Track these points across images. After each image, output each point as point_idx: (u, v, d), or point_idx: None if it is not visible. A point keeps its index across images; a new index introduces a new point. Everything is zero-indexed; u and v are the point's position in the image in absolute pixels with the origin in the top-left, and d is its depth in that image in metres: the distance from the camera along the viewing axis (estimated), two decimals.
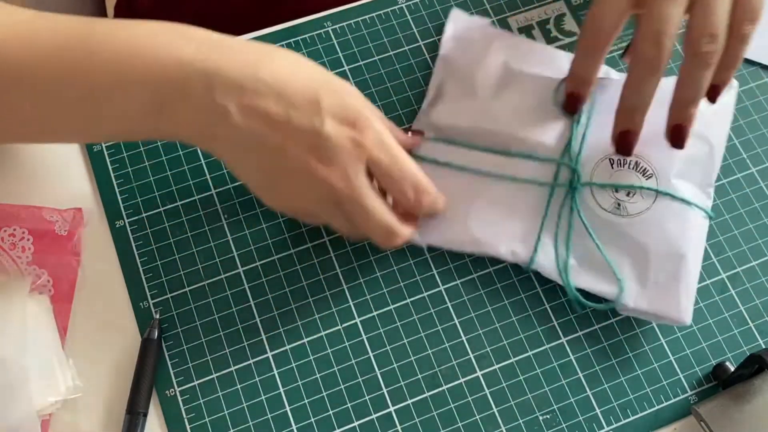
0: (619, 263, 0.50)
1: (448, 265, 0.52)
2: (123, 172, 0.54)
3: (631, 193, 0.50)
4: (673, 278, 0.49)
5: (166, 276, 0.51)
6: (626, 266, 0.50)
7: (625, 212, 0.50)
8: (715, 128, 0.53)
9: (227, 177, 0.54)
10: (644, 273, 0.49)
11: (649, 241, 0.49)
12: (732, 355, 0.51)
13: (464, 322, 0.51)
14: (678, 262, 0.49)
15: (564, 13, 0.60)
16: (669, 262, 0.49)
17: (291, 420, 0.48)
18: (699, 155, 0.52)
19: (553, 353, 0.50)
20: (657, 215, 0.50)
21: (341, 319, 0.51)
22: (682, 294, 0.49)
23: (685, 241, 0.50)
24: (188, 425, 0.48)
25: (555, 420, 0.49)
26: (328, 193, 0.44)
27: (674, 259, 0.49)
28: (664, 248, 0.49)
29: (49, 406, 0.46)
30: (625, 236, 0.50)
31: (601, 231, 0.50)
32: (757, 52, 0.60)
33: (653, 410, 0.49)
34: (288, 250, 0.52)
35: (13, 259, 0.50)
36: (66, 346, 0.49)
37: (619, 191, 0.51)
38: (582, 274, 0.50)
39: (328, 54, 0.58)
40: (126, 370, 0.49)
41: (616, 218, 0.50)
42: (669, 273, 0.49)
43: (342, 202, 0.44)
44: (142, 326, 0.50)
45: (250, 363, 0.50)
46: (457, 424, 0.48)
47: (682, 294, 0.49)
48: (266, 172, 0.45)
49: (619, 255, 0.50)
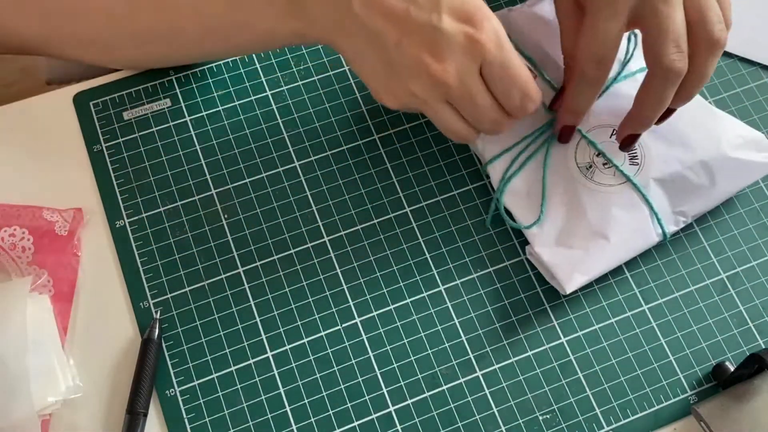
0: (553, 210, 0.51)
1: (448, 265, 0.52)
2: (123, 172, 0.54)
3: (608, 165, 0.51)
4: (584, 251, 0.49)
5: (166, 276, 0.51)
6: (557, 217, 0.50)
7: (590, 176, 0.51)
8: (728, 176, 0.51)
9: (227, 177, 0.54)
10: (568, 231, 0.50)
11: (590, 210, 0.50)
12: (732, 355, 0.51)
13: (464, 322, 0.51)
14: (599, 242, 0.49)
15: None
16: (592, 236, 0.49)
17: (291, 420, 0.48)
18: (694, 185, 0.51)
19: (553, 353, 0.50)
20: (614, 197, 0.50)
21: (341, 319, 0.51)
22: (579, 265, 0.49)
23: (621, 234, 0.50)
24: (188, 425, 0.48)
25: (555, 420, 0.49)
26: (440, 89, 0.44)
27: (597, 237, 0.49)
28: (598, 224, 0.50)
29: (49, 406, 0.46)
30: (575, 194, 0.51)
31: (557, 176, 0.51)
32: (758, 52, 0.60)
33: (653, 410, 0.49)
34: (288, 249, 0.52)
35: (13, 259, 0.50)
36: (66, 346, 0.49)
37: (599, 155, 0.51)
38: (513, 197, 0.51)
39: (328, 54, 0.59)
40: (126, 370, 0.49)
41: (579, 176, 0.51)
42: (585, 245, 0.49)
43: (453, 98, 0.45)
44: (142, 326, 0.50)
45: (250, 363, 0.50)
46: (457, 424, 0.48)
47: (579, 265, 0.49)
48: (383, 66, 0.45)
49: (559, 204, 0.51)
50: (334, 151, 0.55)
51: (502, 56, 0.44)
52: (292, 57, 0.58)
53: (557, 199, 0.51)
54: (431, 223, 0.54)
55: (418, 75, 0.44)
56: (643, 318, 0.52)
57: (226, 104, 0.56)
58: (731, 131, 0.52)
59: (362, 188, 0.54)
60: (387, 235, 0.53)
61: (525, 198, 0.52)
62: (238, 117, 0.56)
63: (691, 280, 0.53)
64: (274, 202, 0.54)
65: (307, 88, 0.57)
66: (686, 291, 0.52)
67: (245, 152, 0.55)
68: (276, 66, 0.58)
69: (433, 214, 0.54)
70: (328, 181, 0.54)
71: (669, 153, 0.51)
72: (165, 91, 0.57)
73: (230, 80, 0.57)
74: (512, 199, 0.52)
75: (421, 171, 0.55)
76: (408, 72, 0.44)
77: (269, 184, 0.54)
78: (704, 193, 0.51)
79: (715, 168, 0.51)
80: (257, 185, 0.54)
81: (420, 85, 0.44)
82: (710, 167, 0.51)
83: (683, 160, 0.51)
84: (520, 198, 0.52)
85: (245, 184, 0.54)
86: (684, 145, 0.51)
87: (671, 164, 0.51)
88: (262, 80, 0.57)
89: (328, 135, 0.56)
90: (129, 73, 0.57)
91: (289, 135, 0.56)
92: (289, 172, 0.55)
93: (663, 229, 0.50)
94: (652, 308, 0.52)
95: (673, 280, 0.53)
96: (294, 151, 0.55)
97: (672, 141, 0.51)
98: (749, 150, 0.52)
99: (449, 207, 0.54)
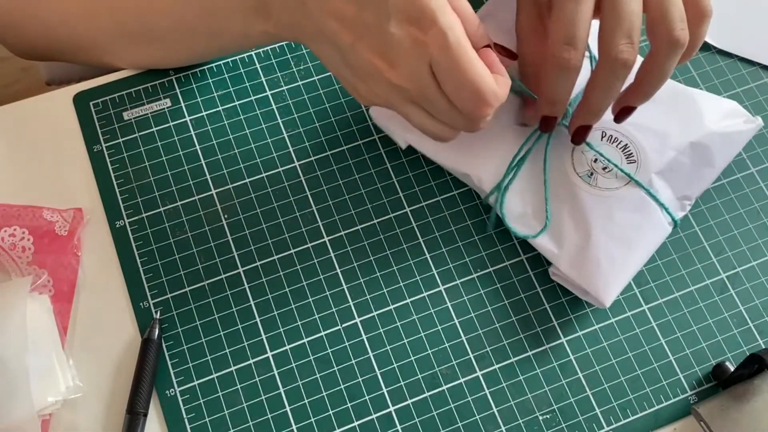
0: (562, 225, 0.50)
1: (447, 265, 0.52)
2: (123, 172, 0.54)
3: (607, 169, 0.51)
4: (610, 260, 0.49)
5: (166, 276, 0.51)
6: (571, 232, 0.50)
7: (594, 182, 0.51)
8: (718, 150, 0.52)
9: (227, 177, 0.54)
10: (587, 245, 0.49)
11: (603, 219, 0.50)
12: (732, 355, 0.51)
13: (464, 322, 0.51)
14: (621, 249, 0.49)
15: None
16: (613, 244, 0.49)
17: (291, 420, 0.48)
18: (691, 167, 0.51)
19: (553, 353, 0.50)
20: (621, 199, 0.50)
21: (341, 319, 0.51)
22: (610, 276, 0.49)
23: (638, 234, 0.50)
24: (188, 425, 0.48)
25: (555, 420, 0.49)
26: (399, 92, 0.44)
27: (619, 244, 0.49)
28: (614, 230, 0.49)
29: (49, 406, 0.46)
30: (583, 204, 0.50)
31: (562, 190, 0.51)
32: (758, 52, 0.60)
33: (653, 410, 0.49)
34: (288, 250, 0.52)
35: (13, 259, 0.50)
36: (66, 346, 0.49)
37: (597, 161, 0.51)
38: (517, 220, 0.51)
39: None
40: (126, 370, 0.49)
41: (583, 185, 0.50)
42: (609, 254, 0.49)
43: (414, 99, 0.44)
44: (142, 326, 0.50)
45: (250, 363, 0.50)
46: (457, 424, 0.48)
47: (610, 276, 0.49)
48: (345, 67, 0.45)
49: (569, 218, 0.50)
50: (334, 151, 0.55)
51: (448, 57, 0.41)
52: (292, 57, 0.58)
53: (566, 214, 0.50)
54: (431, 223, 0.54)
55: (375, 79, 0.43)
56: (643, 318, 0.52)
57: (226, 104, 0.56)
58: (709, 107, 0.53)
59: (362, 188, 0.54)
60: (387, 235, 0.53)
61: (531, 219, 0.51)
62: (238, 117, 0.56)
63: (691, 280, 0.53)
64: (274, 202, 0.54)
65: (307, 88, 0.57)
66: (686, 291, 0.52)
67: (245, 152, 0.55)
68: (276, 66, 0.58)
69: (433, 214, 0.54)
70: (328, 181, 0.54)
71: (660, 143, 0.51)
72: (165, 91, 0.57)
73: (230, 80, 0.57)
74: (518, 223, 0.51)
75: (421, 171, 0.55)
76: (366, 75, 0.44)
77: (269, 184, 0.54)
78: (702, 173, 0.52)
79: (705, 146, 0.51)
80: (257, 185, 0.54)
81: (380, 88, 0.44)
82: (701, 147, 0.51)
83: (675, 147, 0.51)
84: (527, 219, 0.51)
85: (245, 184, 0.54)
86: (671, 132, 0.52)
87: (665, 153, 0.51)
88: (262, 80, 0.57)
89: (328, 135, 0.56)
90: (129, 73, 0.57)
91: (289, 135, 0.56)
92: (289, 172, 0.55)
93: (673, 218, 0.51)
94: (652, 308, 0.52)
95: (673, 280, 0.53)
96: (294, 151, 0.55)
97: (658, 131, 0.51)
98: (730, 119, 0.53)
99: (449, 207, 0.54)
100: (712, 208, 0.55)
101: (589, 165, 0.51)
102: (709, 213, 0.55)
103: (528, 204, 0.51)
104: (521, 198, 0.51)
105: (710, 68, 0.59)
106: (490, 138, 0.52)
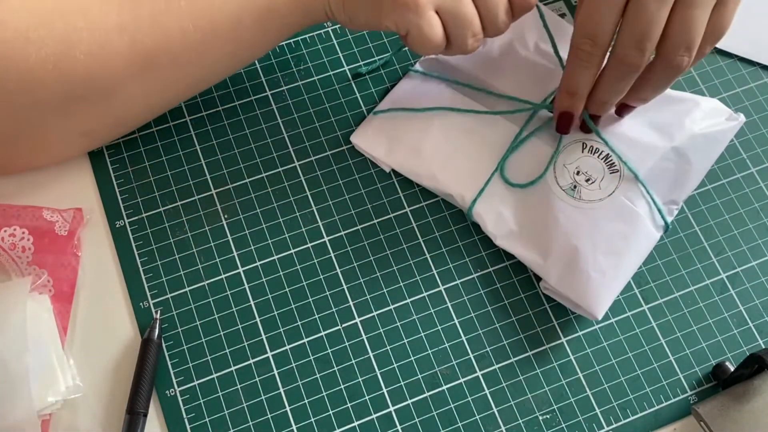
0: (553, 240, 0.50)
1: (447, 265, 0.52)
2: (123, 172, 0.54)
3: (591, 180, 0.51)
4: (600, 273, 0.49)
5: (166, 276, 0.51)
6: (559, 248, 0.50)
7: (578, 196, 0.50)
8: (701, 152, 0.52)
9: (227, 177, 0.54)
10: (576, 259, 0.49)
11: (590, 231, 0.49)
12: (732, 355, 0.51)
13: (464, 322, 0.51)
14: (610, 260, 0.49)
15: (564, 13, 0.60)
16: (602, 256, 0.49)
17: (291, 420, 0.48)
18: (674, 171, 0.51)
19: (553, 353, 0.50)
20: (607, 210, 0.50)
21: (341, 319, 0.51)
22: (601, 288, 0.49)
23: (626, 244, 0.49)
24: (188, 425, 0.48)
25: (555, 420, 0.49)
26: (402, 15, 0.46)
27: (608, 255, 0.49)
28: (601, 242, 0.49)
29: (49, 406, 0.46)
30: (568, 218, 0.50)
31: (546, 204, 0.51)
32: (758, 52, 0.60)
33: (653, 410, 0.49)
34: (288, 250, 0.52)
35: (13, 259, 0.50)
36: (66, 346, 0.49)
37: (579, 174, 0.51)
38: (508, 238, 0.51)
39: (328, 54, 0.58)
40: (126, 370, 0.49)
41: (567, 198, 0.50)
42: (599, 267, 0.49)
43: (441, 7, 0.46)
44: (142, 326, 0.50)
45: (250, 363, 0.50)
46: (457, 424, 0.48)
47: (601, 288, 0.49)
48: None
49: (556, 233, 0.50)
50: (334, 151, 0.55)
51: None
52: (292, 57, 0.58)
53: (553, 228, 0.50)
54: (431, 223, 0.54)
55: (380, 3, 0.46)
56: (643, 318, 0.52)
57: (226, 104, 0.56)
58: (690, 109, 0.53)
59: (362, 188, 0.54)
60: (387, 235, 0.53)
61: (519, 237, 0.51)
62: (238, 117, 0.56)
63: (691, 280, 0.53)
64: (274, 202, 0.54)
65: (307, 88, 0.57)
66: (686, 291, 0.52)
67: (245, 152, 0.55)
68: (276, 66, 0.58)
69: (433, 214, 0.54)
70: (328, 181, 0.54)
71: (642, 150, 0.51)
72: None
73: (230, 80, 0.57)
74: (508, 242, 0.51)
75: None
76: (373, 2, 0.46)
77: (269, 184, 0.54)
78: (687, 176, 0.51)
79: (689, 150, 0.51)
80: (257, 185, 0.54)
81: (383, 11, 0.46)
82: (684, 151, 0.51)
83: (658, 153, 0.51)
84: (515, 237, 0.51)
85: (245, 184, 0.54)
86: (653, 138, 0.51)
87: (648, 160, 0.51)
88: (262, 80, 0.57)
89: (328, 135, 0.56)
90: None
91: (289, 135, 0.56)
92: (289, 172, 0.55)
93: (665, 219, 0.50)
94: (652, 308, 0.52)
95: (673, 280, 0.53)
96: (294, 151, 0.55)
97: (640, 139, 0.51)
98: (712, 119, 0.53)
99: (449, 207, 0.54)
100: (712, 208, 0.55)
101: (571, 178, 0.51)
102: (709, 213, 0.55)
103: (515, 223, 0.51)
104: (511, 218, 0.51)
105: (710, 68, 0.59)
106: (469, 159, 0.53)
